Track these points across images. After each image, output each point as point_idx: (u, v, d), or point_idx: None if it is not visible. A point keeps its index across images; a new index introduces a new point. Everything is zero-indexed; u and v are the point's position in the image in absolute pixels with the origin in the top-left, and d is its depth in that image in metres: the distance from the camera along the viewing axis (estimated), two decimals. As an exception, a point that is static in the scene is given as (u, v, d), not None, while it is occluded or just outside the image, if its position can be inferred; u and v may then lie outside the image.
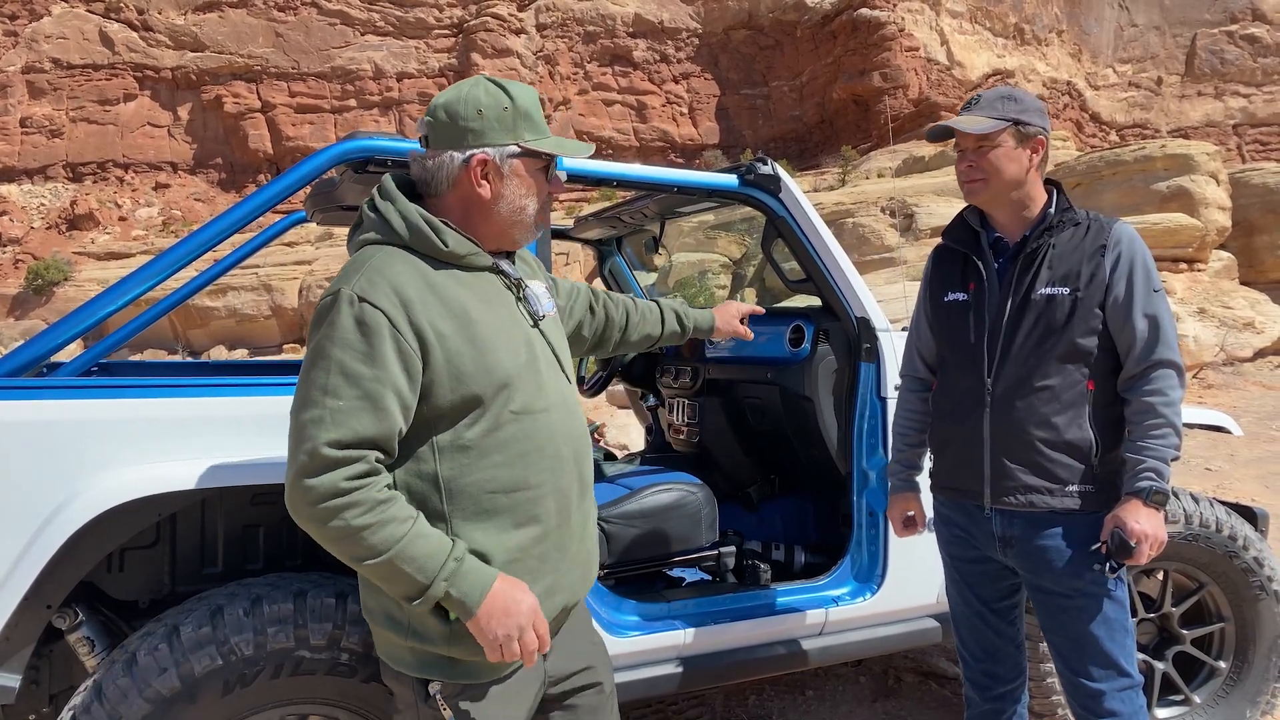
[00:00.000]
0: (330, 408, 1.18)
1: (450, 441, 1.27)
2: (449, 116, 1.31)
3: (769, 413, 2.70)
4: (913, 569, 2.43)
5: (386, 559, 1.18)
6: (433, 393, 1.24)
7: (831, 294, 2.42)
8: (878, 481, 2.41)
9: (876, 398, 2.41)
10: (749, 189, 2.35)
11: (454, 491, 1.26)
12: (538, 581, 1.31)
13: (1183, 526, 2.52)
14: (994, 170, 1.76)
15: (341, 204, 2.67)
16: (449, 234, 1.30)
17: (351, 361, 1.19)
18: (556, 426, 1.35)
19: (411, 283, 1.25)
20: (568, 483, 1.36)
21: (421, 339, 1.23)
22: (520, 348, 1.33)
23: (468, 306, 1.28)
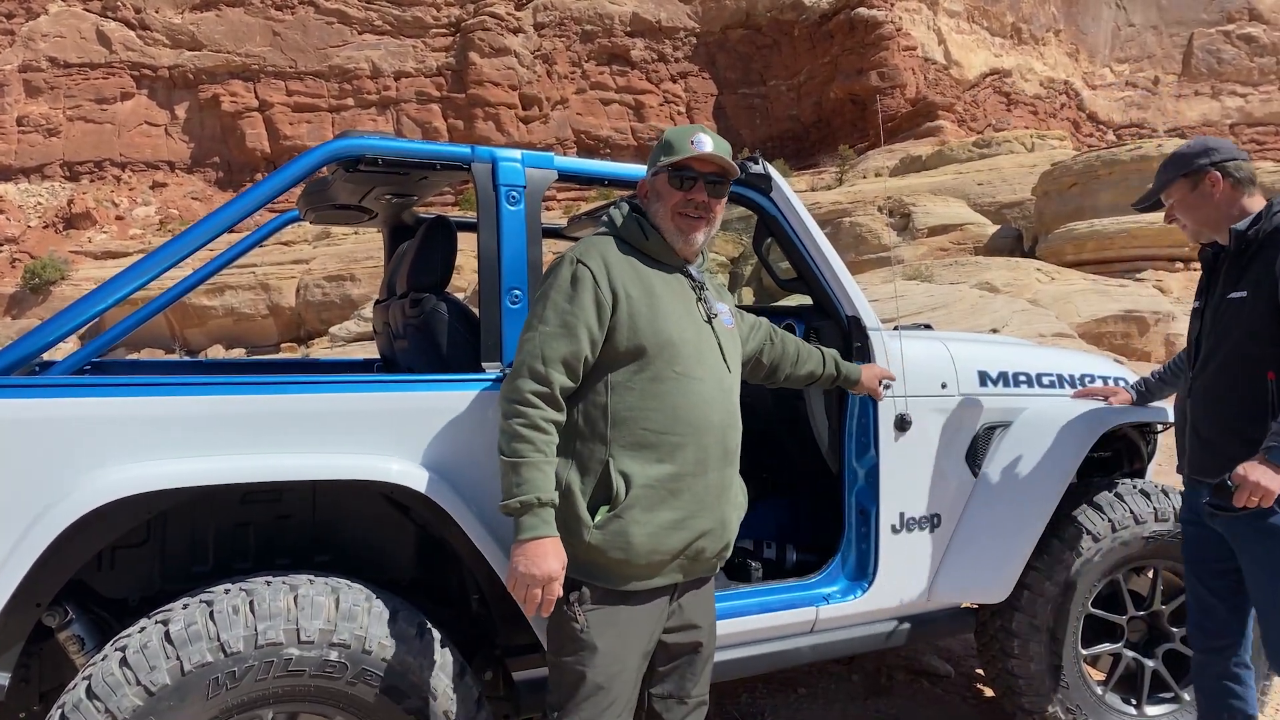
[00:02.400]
0: (540, 331, 1.66)
1: (621, 381, 1.67)
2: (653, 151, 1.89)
3: (760, 411, 2.70)
4: (904, 568, 2.44)
5: (508, 461, 1.60)
6: (614, 337, 1.66)
7: (823, 293, 2.42)
8: (868, 480, 2.42)
9: (868, 396, 2.41)
10: (740, 188, 2.35)
11: (617, 421, 1.66)
12: (667, 511, 1.66)
13: (1172, 524, 2.54)
14: (1186, 216, 2.15)
15: (334, 203, 2.67)
16: (653, 235, 1.78)
17: (560, 300, 1.67)
18: (709, 395, 1.72)
19: (616, 256, 1.72)
20: (711, 442, 1.71)
21: (615, 293, 1.67)
22: (688, 326, 1.73)
23: (654, 284, 1.72)
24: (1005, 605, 2.52)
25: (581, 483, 1.66)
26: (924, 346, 2.53)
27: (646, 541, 1.66)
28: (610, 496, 1.65)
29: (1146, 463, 2.97)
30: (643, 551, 1.66)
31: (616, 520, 1.64)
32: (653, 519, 1.66)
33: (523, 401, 1.61)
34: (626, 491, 1.64)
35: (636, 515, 1.65)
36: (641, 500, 1.65)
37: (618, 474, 1.65)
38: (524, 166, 2.10)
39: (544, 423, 1.62)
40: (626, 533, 1.64)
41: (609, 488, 1.65)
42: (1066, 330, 9.49)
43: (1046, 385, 2.69)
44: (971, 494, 2.54)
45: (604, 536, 1.64)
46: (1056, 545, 2.50)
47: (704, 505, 1.72)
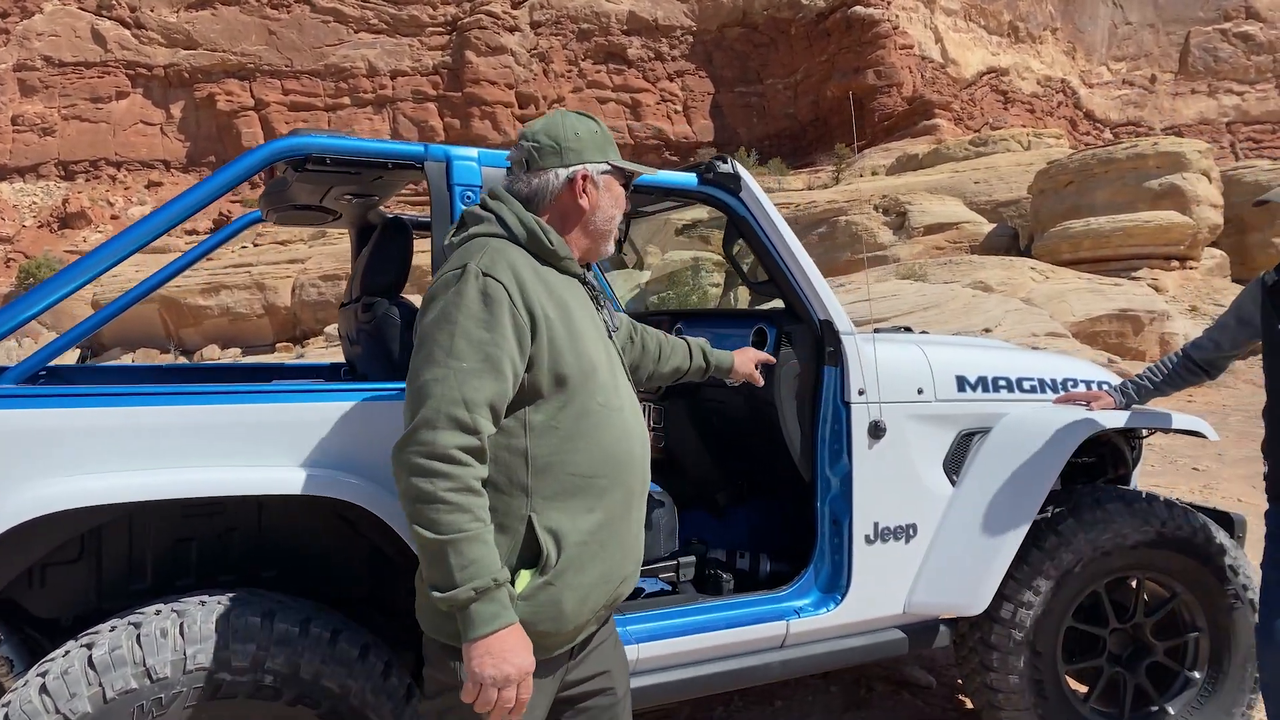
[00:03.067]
0: (454, 368, 1.30)
1: (542, 420, 1.38)
2: (551, 140, 1.49)
3: (732, 417, 2.63)
4: (879, 579, 2.36)
5: (443, 540, 1.26)
6: (533, 368, 1.37)
7: (794, 296, 2.35)
8: (841, 489, 2.34)
9: (840, 403, 2.34)
10: (708, 187, 2.28)
11: (540, 468, 1.37)
12: (597, 566, 1.41)
13: (1155, 534, 2.46)
14: None
15: (294, 203, 2.59)
16: (554, 236, 1.47)
17: (475, 327, 1.32)
18: (630, 426, 1.47)
19: (525, 267, 1.40)
20: (633, 479, 1.47)
21: (532, 316, 1.36)
22: (600, 346, 1.47)
23: (566, 299, 1.43)
24: (984, 617, 2.44)
25: (497, 545, 1.33)
26: (899, 351, 2.45)
27: (577, 606, 1.40)
28: (538, 560, 1.37)
29: (1132, 468, 2.90)
30: (572, 618, 1.40)
31: (548, 589, 1.36)
32: (584, 579, 1.40)
33: (447, 459, 1.26)
34: (559, 553, 1.37)
35: (569, 579, 1.38)
36: (575, 561, 1.38)
37: (545, 532, 1.37)
38: (480, 165, 2.03)
39: (476, 483, 1.30)
40: (559, 601, 1.37)
41: (535, 549, 1.37)
42: (1060, 330, 9.43)
43: (1027, 390, 2.61)
44: (949, 503, 2.46)
45: (531, 609, 1.35)
46: (1036, 555, 2.43)
47: (626, 550, 1.48)
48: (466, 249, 1.43)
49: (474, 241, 1.44)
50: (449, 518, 1.26)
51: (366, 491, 1.74)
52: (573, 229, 1.51)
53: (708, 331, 2.72)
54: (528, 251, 1.44)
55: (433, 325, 1.35)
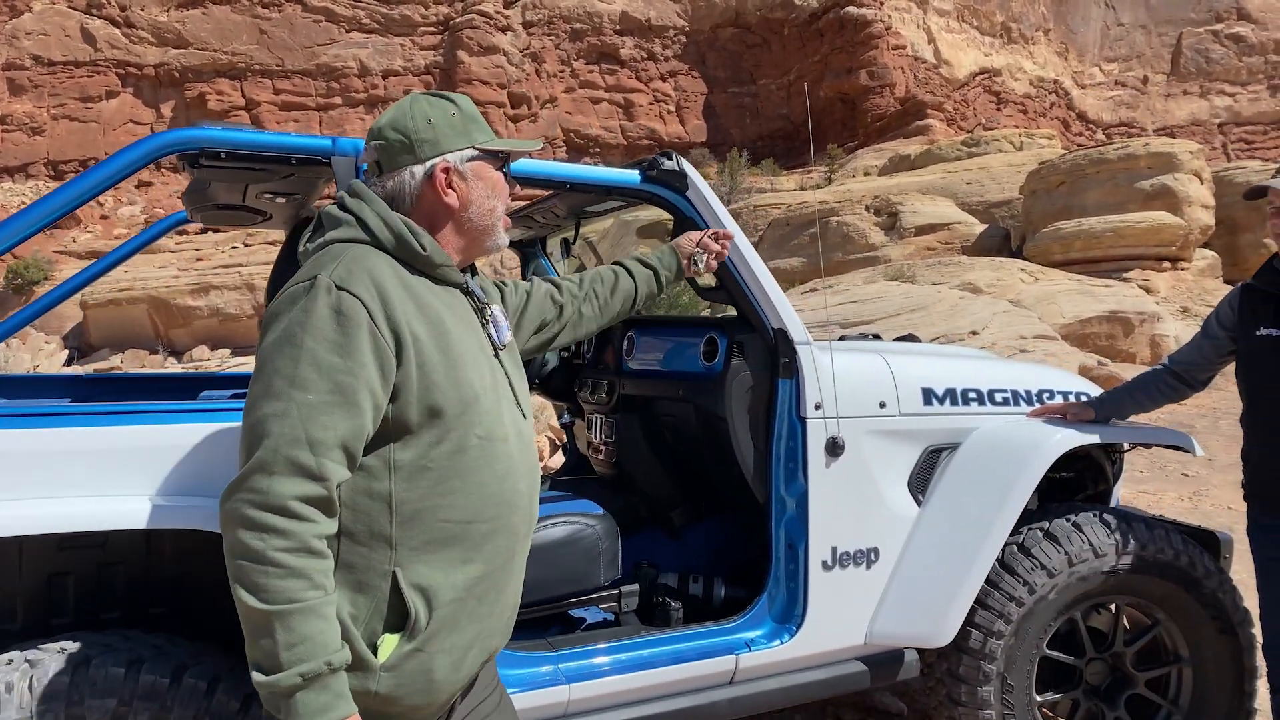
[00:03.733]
0: (298, 401, 1.09)
1: (410, 460, 1.17)
2: (399, 133, 1.27)
3: (685, 432, 2.46)
4: (837, 607, 2.19)
5: (270, 611, 1.04)
6: (399, 399, 1.16)
7: (746, 303, 2.18)
8: (797, 511, 2.18)
9: (796, 418, 2.17)
10: (652, 186, 2.11)
11: (407, 515, 1.16)
12: (473, 625, 1.22)
13: (1134, 557, 2.30)
14: None
15: (216, 203, 2.42)
16: (427, 239, 1.25)
17: (325, 352, 1.11)
18: (516, 458, 1.28)
19: (390, 279, 1.19)
20: (518, 520, 1.28)
21: (398, 337, 1.16)
22: (485, 371, 1.26)
23: (442, 315, 1.22)
24: (952, 648, 2.27)
25: (353, 606, 1.14)
26: (860, 362, 2.29)
27: (450, 673, 1.20)
28: (405, 623, 1.16)
29: (1113, 484, 2.73)
30: (445, 687, 1.20)
31: (417, 655, 1.16)
32: (458, 642, 1.20)
33: (283, 512, 1.06)
34: (429, 615, 1.17)
35: (441, 643, 1.18)
36: (448, 621, 1.18)
37: (414, 590, 1.16)
38: (395, 161, 1.85)
39: (318, 543, 1.08)
40: (430, 669, 1.17)
41: (402, 610, 1.16)
42: (1049, 332, 9.28)
43: (1000, 403, 2.45)
44: (915, 524, 2.29)
45: (398, 681, 1.15)
46: (1008, 581, 2.26)
47: (504, 601, 1.29)
48: (319, 257, 1.20)
49: (330, 248, 1.22)
50: (279, 584, 1.04)
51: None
52: (444, 230, 1.30)
53: (657, 339, 2.55)
54: (395, 259, 1.23)
55: (273, 349, 1.12)
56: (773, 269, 22.23)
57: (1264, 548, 2.21)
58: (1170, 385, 2.40)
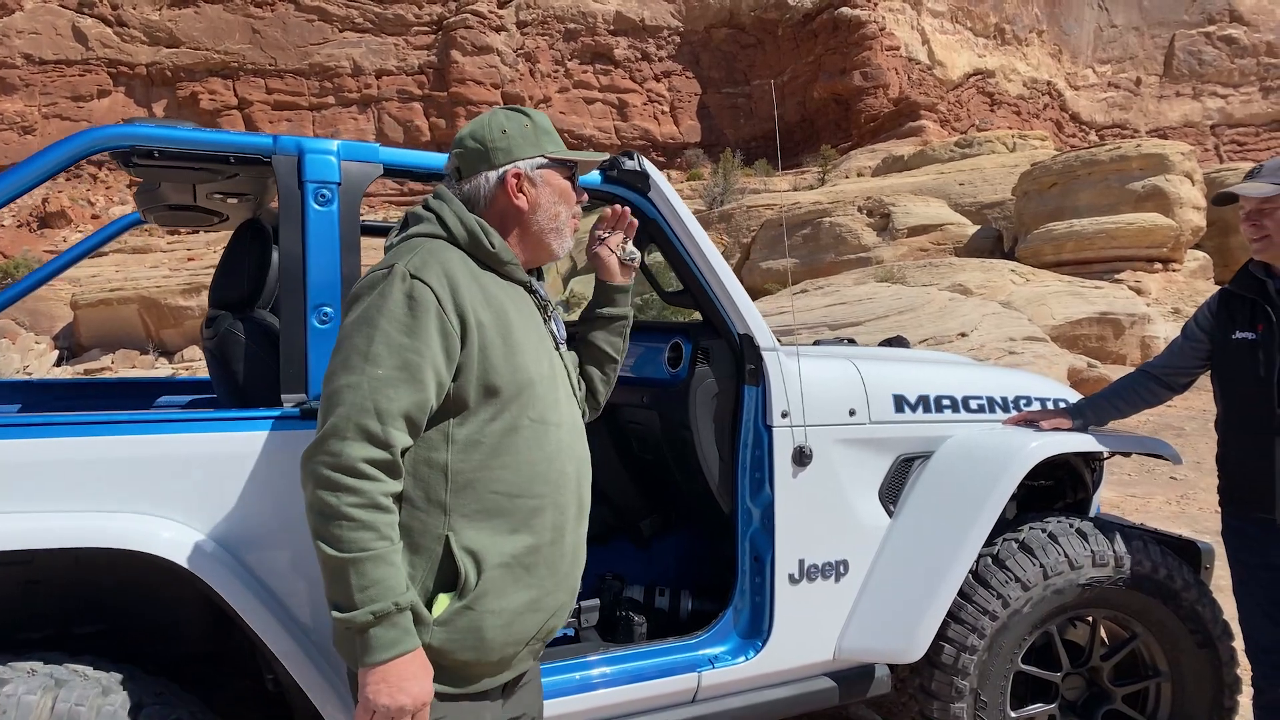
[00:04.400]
0: (369, 375, 1.23)
1: (467, 434, 1.29)
2: (477, 142, 1.42)
3: (651, 441, 2.39)
4: (805, 622, 2.12)
5: (345, 558, 1.19)
6: (461, 377, 1.29)
7: (711, 308, 2.11)
8: (763, 522, 2.11)
9: (762, 426, 2.10)
10: (613, 186, 2.04)
11: (460, 485, 1.29)
12: (522, 591, 1.33)
13: (1112, 569, 2.24)
14: (1277, 228, 2.04)
15: (166, 203, 2.34)
16: (496, 238, 1.39)
17: (396, 332, 1.25)
18: (565, 443, 1.39)
19: (461, 270, 1.32)
20: (567, 500, 1.39)
21: (463, 321, 1.28)
22: (544, 360, 1.39)
23: (506, 306, 1.35)
24: (924, 662, 2.20)
25: (412, 566, 1.28)
26: (829, 368, 2.22)
27: (501, 634, 1.31)
28: (456, 582, 1.29)
29: (1092, 492, 2.67)
30: (496, 646, 1.31)
31: (467, 613, 1.28)
32: (508, 605, 1.31)
33: (353, 472, 1.19)
34: (478, 576, 1.29)
35: (490, 604, 1.30)
36: (495, 584, 1.30)
37: (464, 553, 1.28)
38: (340, 159, 1.78)
39: (385, 499, 1.22)
40: (480, 627, 1.29)
41: (454, 571, 1.29)
42: (1038, 334, 9.23)
43: (975, 410, 2.38)
44: (885, 536, 2.23)
45: (449, 635, 1.28)
46: (982, 594, 2.20)
47: (559, 577, 1.39)
48: (399, 249, 1.34)
49: (409, 242, 1.35)
50: (352, 535, 1.19)
51: (170, 540, 1.48)
52: (516, 233, 1.43)
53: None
54: (469, 254, 1.37)
55: (352, 327, 1.27)
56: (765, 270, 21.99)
57: (1237, 550, 2.19)
58: (1150, 390, 2.35)
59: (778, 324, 9.72)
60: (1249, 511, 2.12)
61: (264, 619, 1.55)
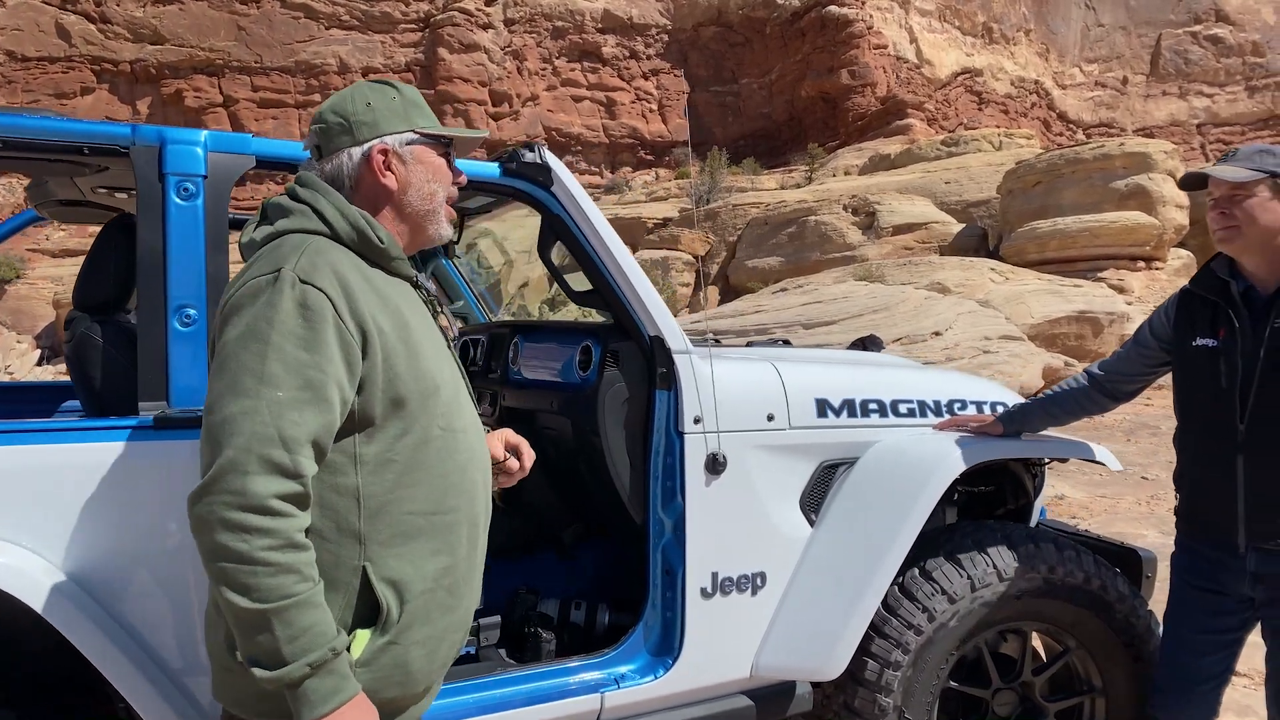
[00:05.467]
0: (268, 398, 1.09)
1: (376, 453, 1.18)
2: (339, 116, 1.29)
3: (566, 448, 2.29)
4: (718, 639, 2.03)
5: (264, 609, 1.05)
6: (364, 391, 1.17)
7: (620, 308, 2.00)
8: (674, 534, 2.01)
9: (674, 432, 2.00)
10: (513, 180, 1.94)
11: (374, 509, 1.17)
12: (445, 615, 1.24)
13: (1042, 581, 2.14)
14: (1247, 219, 1.85)
15: (55, 198, 2.23)
16: (384, 232, 1.25)
17: (293, 348, 1.11)
18: (474, 449, 1.30)
19: (352, 272, 1.19)
20: (479, 510, 1.31)
21: (363, 329, 1.16)
22: (443, 363, 1.28)
23: (401, 307, 1.23)
24: (847, 679, 2.11)
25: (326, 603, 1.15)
26: (747, 371, 2.12)
27: (427, 662, 1.22)
28: (376, 617, 1.17)
29: (1034, 498, 2.58)
30: (423, 676, 1.23)
31: (391, 649, 1.18)
32: (433, 631, 1.22)
33: (263, 510, 1.06)
34: (401, 607, 1.18)
35: (415, 634, 1.20)
36: (420, 613, 1.20)
37: (384, 584, 1.17)
38: (206, 151, 1.67)
39: (301, 536, 1.10)
40: (405, 661, 1.19)
41: (373, 605, 1.17)
42: (1015, 332, 9.18)
43: (904, 414, 2.29)
44: (807, 546, 2.13)
45: (373, 674, 1.17)
46: (907, 607, 2.10)
47: (474, 590, 1.32)
48: (278, 249, 1.18)
49: (288, 240, 1.20)
50: (271, 581, 1.06)
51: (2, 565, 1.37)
52: (385, 213, 1.30)
53: (540, 347, 2.37)
54: (354, 251, 1.23)
55: (238, 344, 1.11)
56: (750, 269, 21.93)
57: (1185, 571, 2.05)
58: (1090, 398, 2.22)
59: (754, 323, 9.62)
60: (1208, 534, 1.97)
61: (112, 656, 1.44)
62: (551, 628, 2.15)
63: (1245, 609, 1.95)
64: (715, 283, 22.59)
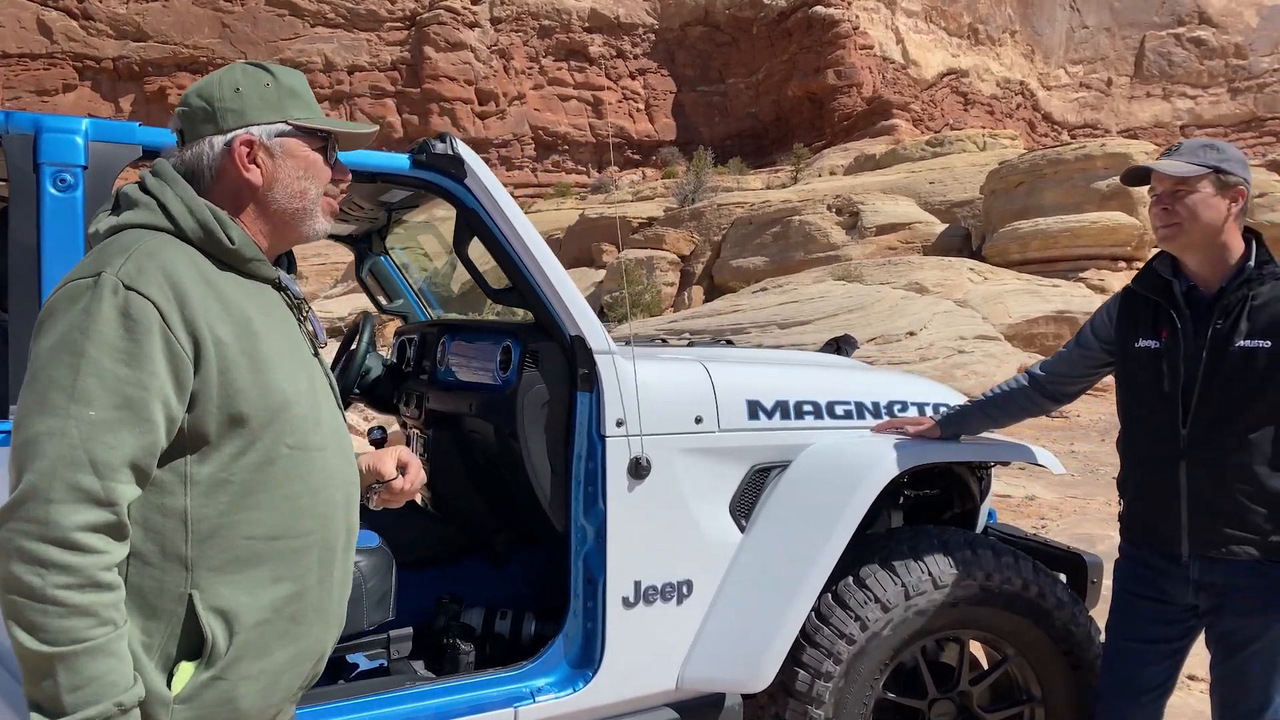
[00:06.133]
0: (77, 418, 0.98)
1: (210, 474, 1.08)
2: (204, 100, 1.18)
3: (490, 452, 2.21)
4: (641, 650, 1.95)
5: (51, 653, 0.96)
6: (196, 407, 1.07)
7: (539, 306, 1.93)
8: (596, 541, 1.93)
9: (596, 435, 1.93)
10: (424, 172, 1.85)
11: (205, 533, 1.08)
12: (288, 647, 1.14)
13: (978, 588, 2.08)
14: (1190, 215, 1.78)
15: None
16: (235, 230, 1.14)
17: (110, 362, 1.00)
18: (333, 468, 1.20)
19: (189, 275, 1.07)
20: (335, 533, 1.20)
21: (196, 341, 1.06)
22: (300, 374, 1.17)
23: (251, 316, 1.12)
24: (778, 690, 2.04)
25: (148, 633, 1.06)
26: (674, 371, 2.04)
27: (261, 698, 1.13)
28: (202, 650, 1.08)
29: (980, 501, 2.52)
30: (255, 713, 1.13)
31: (217, 684, 1.08)
32: (269, 665, 1.13)
33: (64, 544, 0.96)
34: (229, 640, 1.09)
35: (246, 669, 1.10)
36: (253, 646, 1.11)
37: (212, 614, 1.08)
38: (86, 140, 1.58)
39: (106, 574, 0.99)
40: (233, 698, 1.09)
41: (198, 637, 1.08)
42: (991, 332, 9.16)
43: (840, 416, 2.22)
44: (737, 552, 2.06)
45: (195, 712, 1.07)
46: (839, 615, 2.03)
47: (329, 619, 1.22)
48: (107, 247, 1.07)
49: (120, 238, 1.08)
50: (61, 624, 0.95)
51: None
52: (253, 215, 1.19)
53: (466, 346, 2.29)
54: (201, 251, 1.12)
55: (49, 355, 1.00)
56: (734, 268, 21.90)
57: (1127, 579, 1.99)
58: (1031, 399, 2.16)
59: (730, 322, 9.57)
60: (1151, 541, 1.90)
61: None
62: (473, 638, 2.07)
63: (1189, 617, 1.89)
64: (700, 282, 22.55)
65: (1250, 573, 1.78)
